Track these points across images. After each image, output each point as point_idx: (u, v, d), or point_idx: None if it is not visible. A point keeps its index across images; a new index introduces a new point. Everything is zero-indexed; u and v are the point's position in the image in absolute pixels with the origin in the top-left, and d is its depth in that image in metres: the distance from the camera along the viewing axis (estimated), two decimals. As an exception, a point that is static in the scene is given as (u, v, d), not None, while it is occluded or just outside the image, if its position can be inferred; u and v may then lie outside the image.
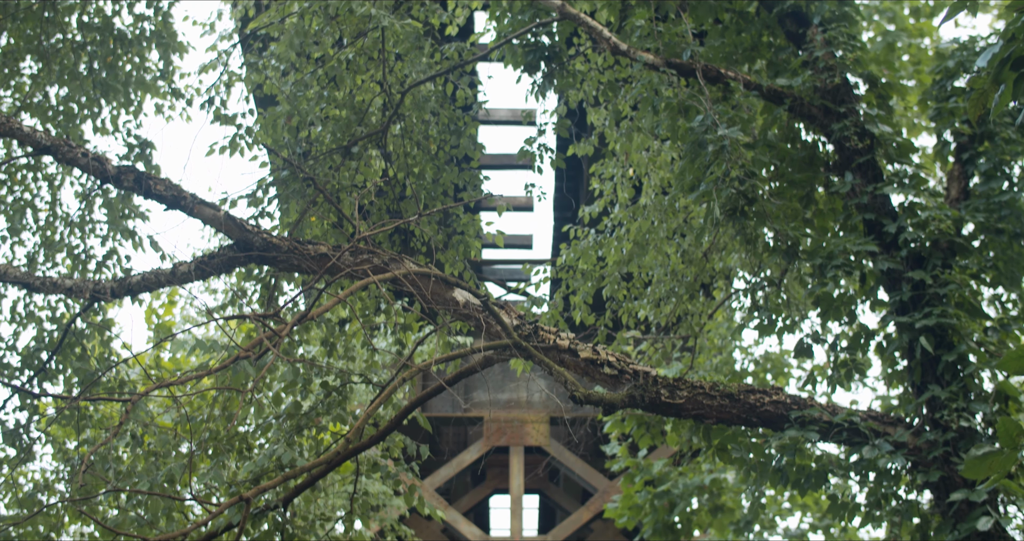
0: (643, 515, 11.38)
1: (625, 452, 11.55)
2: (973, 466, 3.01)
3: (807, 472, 9.93)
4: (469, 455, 27.00)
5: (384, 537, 16.97)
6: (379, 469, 10.49)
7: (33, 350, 11.00)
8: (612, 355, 9.66)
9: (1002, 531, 9.37)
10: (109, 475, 10.80)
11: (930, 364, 9.91)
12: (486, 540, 25.98)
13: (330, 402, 10.23)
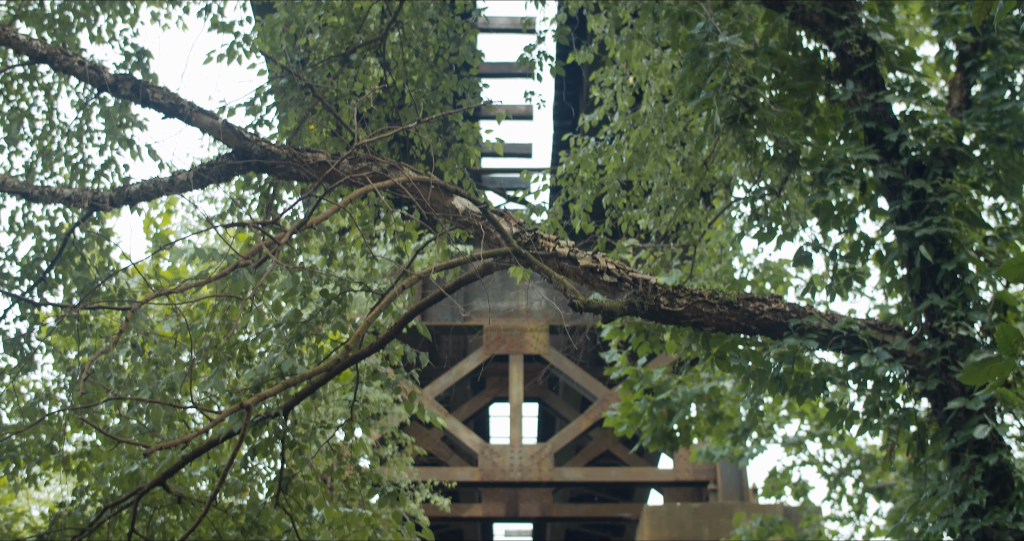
0: (642, 423, 11.46)
1: (624, 360, 11.59)
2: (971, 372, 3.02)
3: (805, 380, 9.97)
4: (469, 363, 27.15)
5: (385, 445, 17.12)
6: (379, 377, 10.53)
7: (32, 260, 11.00)
8: (611, 263, 9.66)
9: (999, 439, 9.43)
10: (110, 384, 10.85)
11: (929, 273, 9.91)
12: (486, 447, 26.18)
13: (330, 310, 10.24)
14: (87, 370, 8.79)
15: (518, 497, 27.62)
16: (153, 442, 10.63)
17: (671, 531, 24.21)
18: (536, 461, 26.21)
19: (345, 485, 11.54)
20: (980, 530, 9.22)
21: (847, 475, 15.30)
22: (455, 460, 29.20)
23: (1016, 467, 9.50)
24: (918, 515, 9.87)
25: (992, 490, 9.34)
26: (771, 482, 15.54)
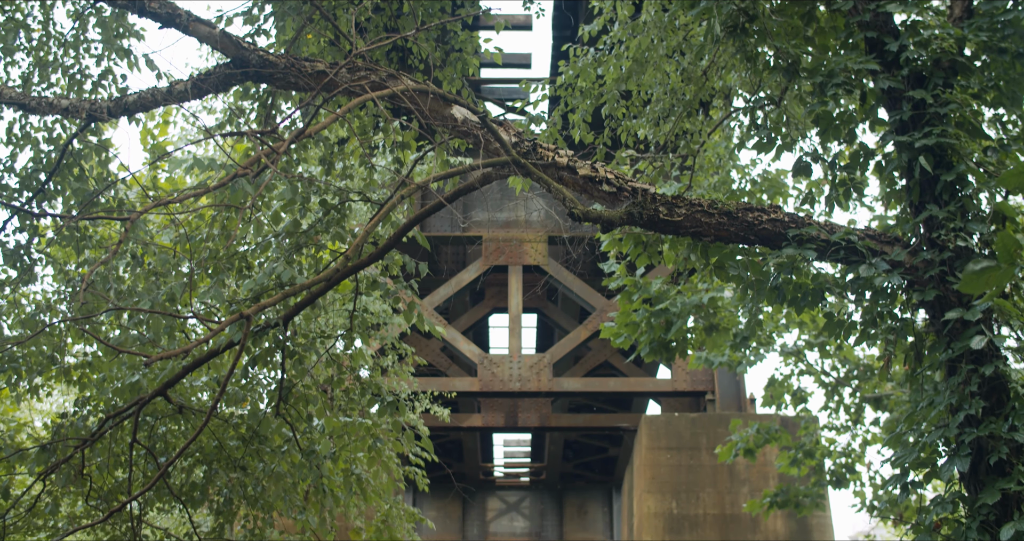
0: (639, 334, 11.49)
1: (623, 270, 11.59)
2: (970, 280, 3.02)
3: (804, 290, 9.99)
4: (468, 274, 27.19)
5: (385, 355, 17.20)
6: (378, 287, 10.55)
7: (31, 171, 10.97)
8: (610, 172, 9.64)
9: (995, 350, 9.47)
10: (110, 295, 10.86)
11: (928, 184, 9.89)
12: (485, 358, 26.31)
13: (329, 220, 10.24)
14: (87, 281, 8.81)
15: (517, 407, 27.82)
16: (153, 353, 10.68)
17: (669, 440, 24.41)
18: (535, 371, 26.35)
19: (345, 395, 11.62)
20: (976, 440, 9.28)
21: (845, 385, 15.39)
22: (454, 370, 29.37)
23: (1012, 378, 9.55)
24: (914, 425, 9.94)
25: (988, 400, 9.40)
26: (770, 391, 15.63)
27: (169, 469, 11.41)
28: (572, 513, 39.34)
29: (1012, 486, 8.90)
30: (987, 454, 9.22)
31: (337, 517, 16.72)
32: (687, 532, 23.74)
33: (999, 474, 9.17)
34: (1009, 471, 9.13)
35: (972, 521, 9.10)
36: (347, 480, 11.56)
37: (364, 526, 15.36)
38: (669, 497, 23.98)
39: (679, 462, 24.35)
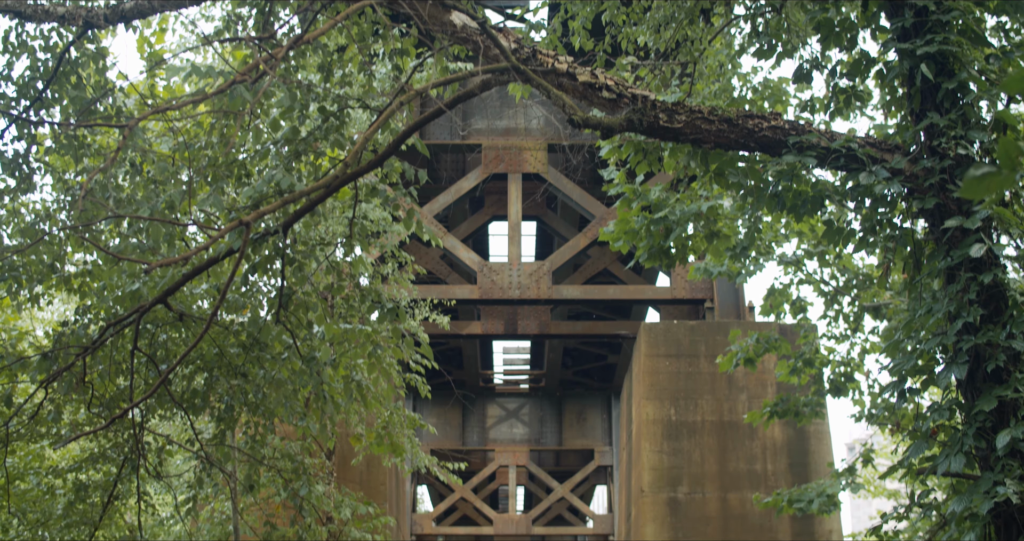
0: (639, 240, 11.48)
1: (622, 177, 11.55)
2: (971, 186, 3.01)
3: (803, 198, 9.98)
4: (467, 182, 27.14)
5: (384, 263, 17.22)
6: (378, 194, 10.54)
7: (28, 80, 10.89)
8: (610, 79, 9.58)
9: (994, 258, 9.48)
10: (109, 203, 10.85)
11: (930, 91, 9.84)
12: (485, 266, 26.34)
13: (328, 127, 10.19)
14: (85, 189, 8.80)
15: (517, 315, 27.91)
16: (153, 260, 10.69)
17: (668, 348, 24.53)
18: (535, 279, 26.40)
19: (345, 302, 11.65)
20: (973, 347, 9.33)
21: (844, 294, 15.40)
22: (454, 278, 29.43)
23: (1011, 286, 9.57)
24: (912, 333, 9.98)
25: (986, 308, 9.43)
26: (769, 300, 15.65)
27: (170, 376, 11.48)
28: (571, 420, 39.65)
29: (1009, 393, 8.97)
30: (985, 361, 9.27)
31: (338, 423, 16.86)
32: (685, 438, 23.95)
33: (996, 381, 9.22)
34: (1006, 378, 9.19)
35: (969, 428, 9.18)
36: (347, 387, 11.63)
37: (365, 432, 15.49)
38: (668, 404, 24.15)
39: (678, 369, 24.49)
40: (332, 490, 16.46)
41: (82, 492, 14.37)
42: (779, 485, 23.52)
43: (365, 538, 16.90)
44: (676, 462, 23.80)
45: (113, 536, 16.03)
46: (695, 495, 23.56)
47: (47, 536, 15.30)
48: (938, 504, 10.41)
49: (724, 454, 23.91)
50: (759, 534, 23.26)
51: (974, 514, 9.02)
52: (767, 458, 23.87)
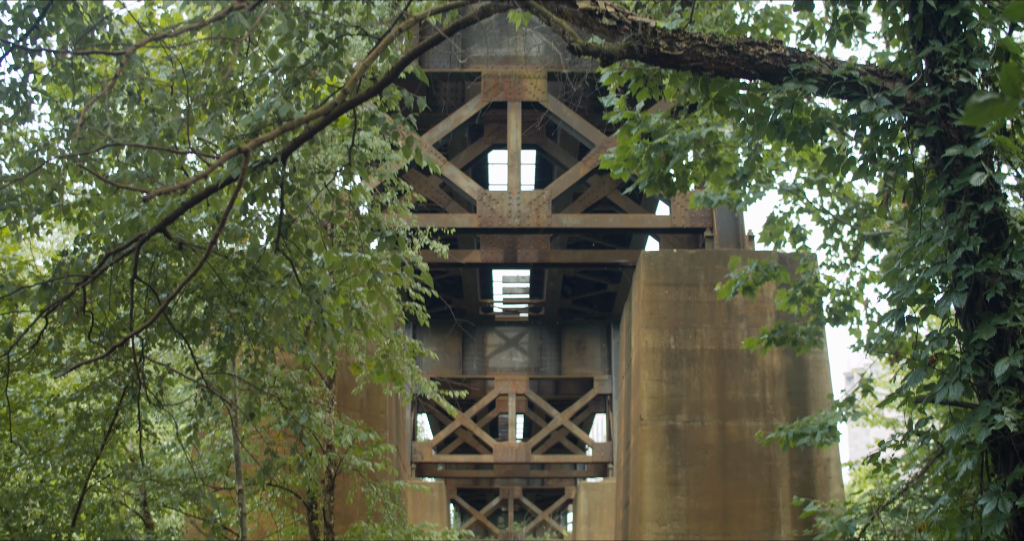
0: (639, 168, 11.44)
1: (622, 105, 11.48)
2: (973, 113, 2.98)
3: (804, 125, 9.93)
4: (467, 111, 27.01)
5: (383, 191, 17.18)
6: (377, 122, 10.48)
7: (24, 7, 10.79)
8: (610, 6, 9.50)
9: (995, 187, 9.46)
10: (107, 132, 10.81)
11: (932, 19, 9.76)
12: (484, 194, 26.29)
13: (326, 55, 10.11)
14: (83, 117, 8.75)
15: (516, 243, 27.91)
16: (152, 189, 10.66)
17: (667, 276, 24.55)
18: (534, 207, 26.36)
19: (344, 230, 11.64)
20: (973, 276, 9.33)
21: (844, 223, 15.37)
22: (453, 207, 29.39)
23: (1011, 215, 9.56)
24: (912, 261, 9.98)
25: (986, 237, 9.42)
26: (768, 229, 15.62)
27: (170, 305, 11.48)
28: (571, 348, 39.80)
29: (1007, 322, 8.98)
30: (984, 290, 9.28)
31: (338, 352, 16.92)
32: (684, 367, 24.04)
33: (995, 310, 9.24)
34: (1005, 307, 9.21)
35: (967, 356, 9.21)
36: (347, 315, 11.64)
37: (365, 360, 15.54)
38: (667, 332, 24.21)
39: (677, 298, 24.53)
40: (332, 418, 16.54)
41: (83, 421, 14.44)
42: (777, 413, 23.65)
43: (365, 465, 17.02)
44: (675, 390, 23.91)
45: (115, 464, 16.14)
46: (694, 423, 23.70)
47: (49, 464, 15.40)
48: (936, 432, 10.46)
49: (723, 382, 24.01)
50: (757, 462, 23.41)
51: (971, 442, 9.08)
52: (766, 387, 23.98)
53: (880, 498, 12.96)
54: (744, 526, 23.13)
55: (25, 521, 15.46)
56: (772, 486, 23.33)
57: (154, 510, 19.57)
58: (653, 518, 23.12)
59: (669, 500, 23.25)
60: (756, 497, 23.30)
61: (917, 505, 12.76)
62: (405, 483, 18.71)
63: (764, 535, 23.02)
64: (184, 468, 15.87)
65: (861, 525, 12.68)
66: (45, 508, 15.58)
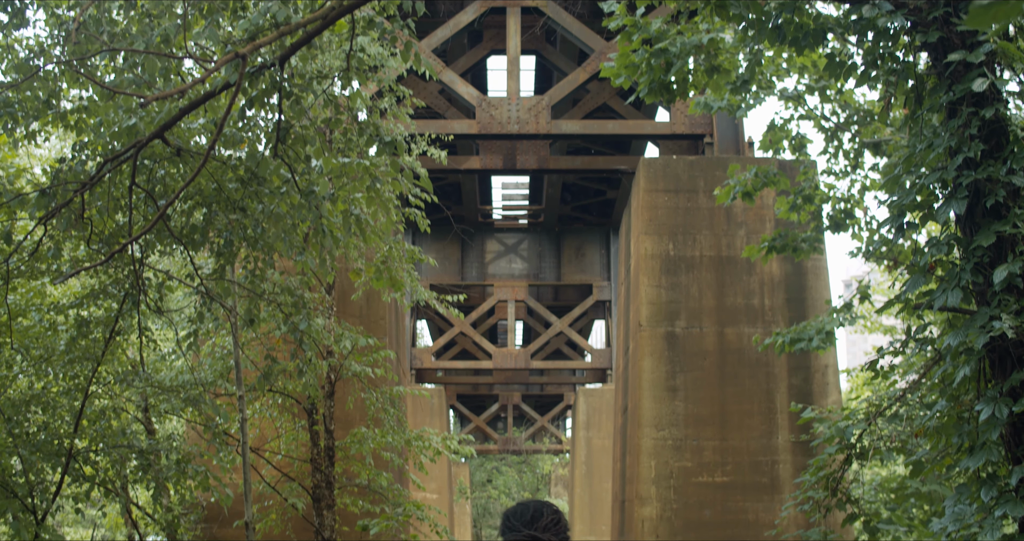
0: (639, 75, 11.37)
1: (623, 9, 11.37)
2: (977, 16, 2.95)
3: (805, 30, 9.85)
4: (465, 16, 26.77)
5: (381, 97, 17.08)
6: (375, 26, 10.39)
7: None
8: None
9: (997, 93, 9.41)
10: (103, 38, 10.71)
11: (937, -80, 9.64)
12: (483, 100, 26.16)
13: (323, -41, 9.99)
14: (79, 22, 8.67)
15: (515, 149, 27.81)
16: (149, 94, 10.59)
17: (667, 183, 24.50)
18: (533, 113, 26.22)
19: (343, 136, 11.59)
20: (973, 183, 9.31)
21: (844, 130, 15.31)
22: (452, 113, 29.24)
23: (1012, 121, 9.51)
24: (912, 167, 9.95)
25: (987, 143, 9.39)
26: (768, 136, 15.56)
27: (168, 211, 11.47)
28: (570, 255, 39.84)
29: (1007, 229, 8.98)
30: (984, 197, 9.27)
31: (337, 258, 16.92)
32: (683, 273, 24.08)
33: (995, 217, 9.23)
34: (1005, 214, 9.20)
35: (966, 263, 9.22)
36: (346, 221, 11.62)
37: (364, 266, 15.56)
38: (666, 239, 24.23)
39: (676, 204, 24.50)
40: (332, 324, 16.60)
41: (84, 328, 14.48)
42: (776, 320, 23.75)
43: (365, 371, 17.11)
44: (674, 297, 23.98)
45: (116, 371, 16.23)
46: (692, 329, 23.79)
47: (51, 371, 15.48)
48: (934, 339, 10.51)
49: (722, 289, 24.07)
50: (755, 368, 23.55)
51: (969, 348, 9.12)
52: (764, 293, 24.04)
53: (877, 404, 13.06)
54: (742, 431, 23.33)
55: (28, 428, 15.58)
56: (770, 392, 23.50)
57: (155, 416, 19.73)
58: (651, 423, 23.32)
59: (667, 405, 23.43)
60: (754, 403, 23.48)
61: (914, 411, 12.86)
62: (405, 389, 18.81)
63: (762, 441, 23.23)
64: (185, 374, 15.96)
65: (858, 431, 12.79)
66: (47, 415, 15.69)
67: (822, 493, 13.77)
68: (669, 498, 22.95)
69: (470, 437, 19.70)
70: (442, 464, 41.66)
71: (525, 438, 56.19)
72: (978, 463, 8.80)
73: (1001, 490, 8.76)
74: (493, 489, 69.71)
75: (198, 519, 21.53)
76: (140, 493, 27.06)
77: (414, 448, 18.10)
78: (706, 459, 23.17)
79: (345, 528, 19.52)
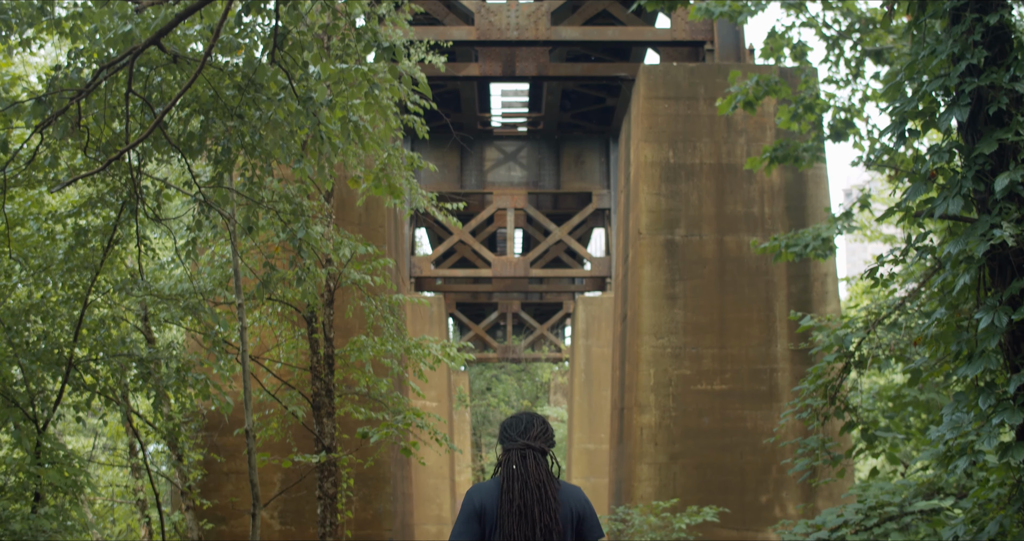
0: (640, -20, 11.26)
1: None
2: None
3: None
4: (464, -80, 26.45)
5: (379, 3, 16.89)
6: (372, -68, 10.26)
7: None
8: None
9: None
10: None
11: None
12: (482, 6, 25.94)
13: None
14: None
15: (515, 56, 27.60)
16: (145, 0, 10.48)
17: (667, 90, 24.36)
18: (533, 20, 26.01)
19: (341, 42, 11.47)
20: (976, 89, 9.25)
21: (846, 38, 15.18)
22: (451, 19, 28.97)
23: (1016, 27, 9.42)
24: (914, 74, 9.87)
25: (990, 50, 9.31)
26: (769, 43, 15.45)
27: (165, 119, 11.40)
28: (569, 162, 39.70)
29: (1010, 136, 8.93)
30: (986, 104, 9.20)
31: (335, 165, 16.85)
32: (683, 181, 24.04)
33: (997, 124, 9.18)
34: (1007, 121, 9.14)
35: (968, 171, 9.17)
36: (344, 128, 11.53)
37: (363, 174, 15.50)
38: (666, 146, 24.15)
39: (677, 112, 24.39)
40: (331, 232, 16.56)
41: (82, 237, 14.45)
42: (776, 228, 23.75)
43: (364, 279, 17.11)
44: (674, 204, 23.96)
45: (115, 280, 16.22)
46: (692, 237, 23.80)
47: (49, 281, 15.48)
48: (934, 247, 10.49)
49: (722, 197, 24.05)
50: (755, 276, 23.59)
51: (969, 257, 9.11)
52: (764, 201, 24.02)
53: (876, 312, 13.09)
54: (741, 340, 23.44)
55: (27, 337, 15.61)
56: (769, 300, 23.57)
57: (155, 325, 19.77)
58: (651, 331, 23.41)
59: (667, 313, 23.50)
60: (753, 311, 23.56)
61: (913, 320, 12.90)
62: (404, 297, 18.83)
63: (761, 349, 23.34)
64: (184, 283, 15.96)
65: (857, 339, 12.83)
66: (47, 324, 15.71)
67: (820, 401, 13.85)
68: (668, 406, 23.13)
69: (469, 345, 19.77)
70: (441, 372, 41.89)
71: (524, 346, 56.40)
72: (976, 371, 8.83)
73: (999, 398, 8.80)
74: (492, 397, 70.13)
75: (199, 427, 21.71)
76: (141, 402, 27.20)
77: (413, 356, 18.14)
78: (705, 367, 23.31)
79: (345, 436, 19.67)
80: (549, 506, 6.13)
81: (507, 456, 6.36)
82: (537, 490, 6.16)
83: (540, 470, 6.24)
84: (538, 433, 6.41)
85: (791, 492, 22.89)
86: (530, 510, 6.11)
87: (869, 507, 12.46)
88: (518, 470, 6.23)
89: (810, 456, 14.29)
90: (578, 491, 6.43)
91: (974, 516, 9.77)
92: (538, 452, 6.33)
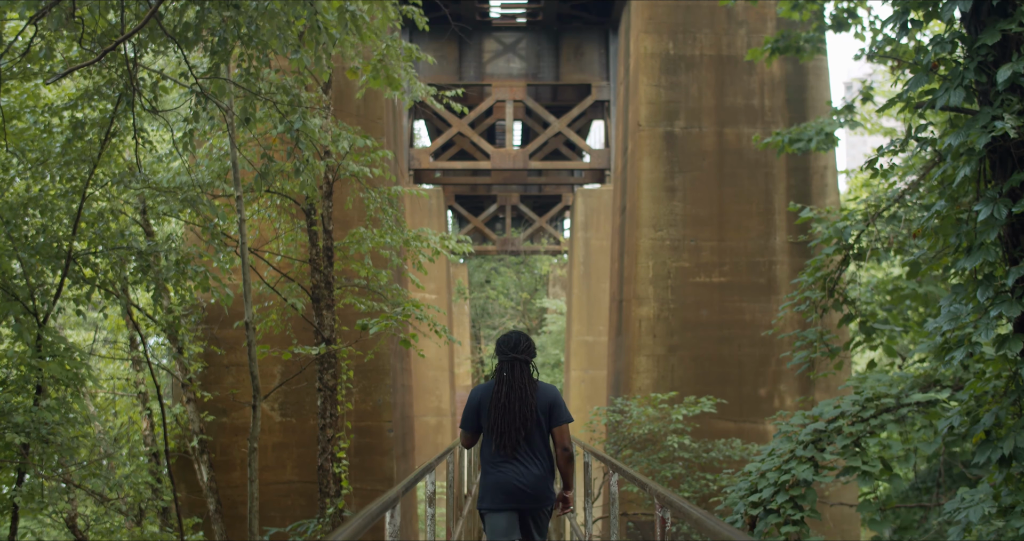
0: None
1: None
2: None
3: None
4: None
5: None
6: None
7: None
8: None
9: None
10: None
11: None
12: None
13: None
14: None
15: (514, -54, 27.29)
16: None
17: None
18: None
19: (337, -68, 11.32)
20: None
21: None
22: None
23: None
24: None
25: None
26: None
27: (161, 9, 11.27)
28: (569, 54, 39.37)
29: (1013, 27, 8.83)
30: (990, -8, 9.09)
31: (333, 57, 16.71)
32: (683, 72, 23.87)
33: (1001, 15, 9.08)
34: (1011, 12, 9.04)
35: (970, 62, 9.09)
36: (341, 17, 11.41)
37: (361, 65, 15.37)
38: (666, 37, 23.94)
39: (677, 2, 24.15)
40: (329, 124, 16.47)
41: (79, 130, 14.38)
42: (776, 120, 23.64)
43: (363, 171, 17.06)
44: (673, 96, 23.81)
45: (113, 173, 16.17)
46: (692, 129, 23.70)
47: (47, 174, 15.43)
48: (934, 139, 10.44)
49: (722, 89, 23.90)
50: (754, 169, 23.54)
51: (970, 149, 9.07)
52: (764, 93, 23.87)
53: (876, 205, 13.06)
54: (740, 232, 23.45)
55: (26, 230, 15.60)
56: (768, 193, 23.54)
57: (153, 218, 19.76)
58: (650, 223, 23.41)
59: (666, 206, 23.49)
60: (752, 203, 23.54)
61: (912, 212, 12.89)
62: (403, 189, 18.80)
63: (760, 241, 23.37)
64: (182, 175, 15.91)
65: (856, 231, 12.83)
66: (45, 217, 15.69)
67: (819, 293, 13.89)
68: (666, 298, 23.21)
69: (468, 238, 19.78)
70: (440, 265, 41.98)
71: (523, 239, 56.45)
72: (975, 263, 8.83)
73: (997, 290, 8.82)
74: (491, 290, 70.39)
75: (199, 320, 21.81)
76: (140, 295, 27.29)
77: (412, 248, 18.16)
78: (704, 259, 23.36)
79: (345, 328, 19.76)
80: (527, 402, 8.34)
81: (500, 365, 8.53)
82: (520, 390, 8.37)
83: (523, 376, 8.45)
84: (524, 348, 8.54)
85: (789, 384, 23.09)
86: (512, 405, 8.32)
87: (866, 399, 12.55)
88: (508, 376, 8.43)
89: (808, 348, 14.38)
90: (552, 388, 8.52)
91: (970, 408, 9.84)
92: (523, 362, 8.50)
